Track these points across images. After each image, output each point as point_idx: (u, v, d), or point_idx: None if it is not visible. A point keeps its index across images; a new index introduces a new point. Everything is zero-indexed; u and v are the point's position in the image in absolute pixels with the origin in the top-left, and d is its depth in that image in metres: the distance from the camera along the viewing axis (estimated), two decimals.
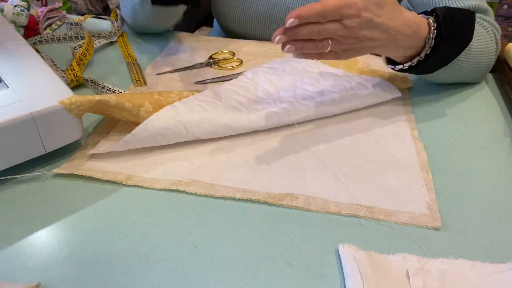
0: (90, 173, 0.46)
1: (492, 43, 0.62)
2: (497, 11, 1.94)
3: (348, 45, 0.50)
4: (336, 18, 0.47)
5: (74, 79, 0.62)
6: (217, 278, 0.36)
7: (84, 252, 0.38)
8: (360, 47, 0.50)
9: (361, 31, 0.48)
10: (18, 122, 0.42)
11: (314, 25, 0.47)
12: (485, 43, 0.61)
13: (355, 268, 0.36)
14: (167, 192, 0.45)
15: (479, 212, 0.44)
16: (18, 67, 0.51)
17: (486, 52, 0.61)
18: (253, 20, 0.80)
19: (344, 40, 0.49)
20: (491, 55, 0.63)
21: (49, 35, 0.75)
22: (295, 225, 0.41)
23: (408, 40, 0.52)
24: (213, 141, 0.52)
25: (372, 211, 0.43)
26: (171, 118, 0.48)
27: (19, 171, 0.46)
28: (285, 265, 0.38)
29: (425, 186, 0.46)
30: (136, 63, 0.69)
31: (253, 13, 0.79)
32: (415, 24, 0.52)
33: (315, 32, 0.47)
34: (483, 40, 0.60)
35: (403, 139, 0.54)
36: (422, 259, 0.38)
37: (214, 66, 0.70)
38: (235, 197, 0.44)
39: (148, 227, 0.41)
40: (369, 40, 0.50)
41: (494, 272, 0.37)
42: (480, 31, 0.61)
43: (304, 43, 0.48)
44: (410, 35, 0.51)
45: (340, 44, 0.49)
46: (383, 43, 0.51)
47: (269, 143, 0.52)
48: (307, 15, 0.45)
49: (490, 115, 0.60)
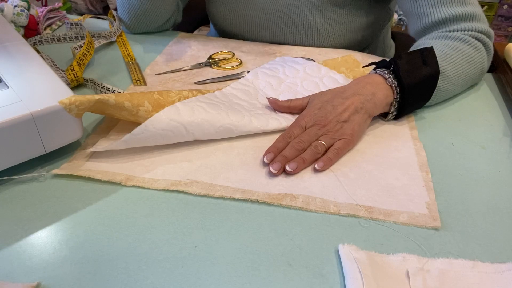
0: (89, 174, 0.46)
1: (478, 52, 0.62)
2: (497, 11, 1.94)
3: (335, 128, 0.51)
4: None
5: (74, 79, 0.62)
6: (217, 278, 0.36)
7: (84, 252, 0.38)
8: (346, 121, 0.51)
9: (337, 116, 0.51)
10: (18, 122, 0.42)
11: (291, 141, 0.50)
12: (465, 58, 0.60)
13: (355, 268, 0.36)
14: (167, 193, 0.45)
15: (479, 212, 0.44)
16: (18, 67, 0.51)
17: (471, 65, 0.61)
18: (247, 24, 0.80)
19: (329, 128, 0.51)
20: (481, 62, 0.62)
21: (49, 35, 0.75)
22: (295, 225, 0.41)
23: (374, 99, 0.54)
24: (212, 141, 0.52)
25: (371, 211, 0.43)
26: (172, 120, 0.48)
27: (19, 171, 0.46)
28: (285, 265, 0.38)
29: (425, 186, 0.46)
30: (136, 63, 0.69)
31: (247, 18, 0.79)
32: (368, 85, 0.54)
33: (296, 142, 0.49)
34: (460, 58, 0.60)
35: (402, 139, 0.54)
36: (422, 259, 0.38)
37: (214, 66, 0.70)
38: (235, 197, 0.44)
39: (148, 227, 0.41)
40: (345, 113, 0.51)
41: (494, 272, 0.37)
42: (457, 48, 0.60)
43: (303, 157, 0.48)
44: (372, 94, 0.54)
45: (328, 134, 0.50)
46: (356, 105, 0.52)
47: (269, 143, 0.52)
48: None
49: (490, 115, 0.60)
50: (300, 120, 0.52)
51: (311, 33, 0.77)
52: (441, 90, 0.59)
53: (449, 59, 0.59)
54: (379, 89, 0.54)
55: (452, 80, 0.59)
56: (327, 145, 0.49)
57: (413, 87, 0.54)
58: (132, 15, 0.77)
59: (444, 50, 0.60)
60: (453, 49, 0.60)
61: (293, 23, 0.76)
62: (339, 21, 0.75)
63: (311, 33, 0.77)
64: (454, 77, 0.59)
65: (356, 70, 0.67)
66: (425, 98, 0.57)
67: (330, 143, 0.50)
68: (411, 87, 0.54)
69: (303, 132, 0.51)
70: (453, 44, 0.61)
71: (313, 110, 0.53)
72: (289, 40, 0.79)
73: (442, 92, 0.59)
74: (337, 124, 0.51)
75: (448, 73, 0.58)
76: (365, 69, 0.68)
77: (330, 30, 0.76)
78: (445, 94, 0.61)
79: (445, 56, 0.59)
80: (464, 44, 0.61)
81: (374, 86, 0.54)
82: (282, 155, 0.48)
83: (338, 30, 0.76)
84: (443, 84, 0.58)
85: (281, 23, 0.77)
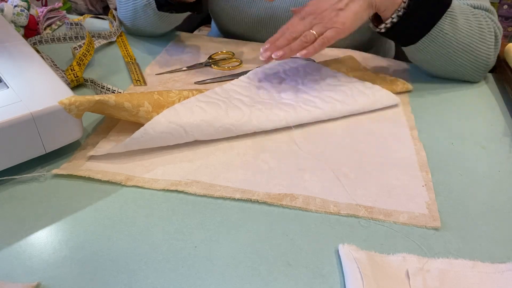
0: (89, 174, 0.46)
1: (490, 37, 0.62)
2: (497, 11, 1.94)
3: (329, 16, 0.50)
4: None
5: (74, 79, 0.62)
6: (217, 278, 0.36)
7: (84, 252, 0.38)
8: (342, 9, 0.50)
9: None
10: (18, 122, 0.42)
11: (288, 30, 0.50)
12: (479, 27, 0.60)
13: (355, 268, 0.36)
14: (167, 193, 0.45)
15: (479, 212, 0.44)
16: (18, 67, 0.51)
17: (480, 38, 0.61)
18: (252, 23, 0.79)
19: (324, 15, 0.50)
20: (489, 46, 0.62)
21: (49, 35, 0.75)
22: (295, 225, 0.41)
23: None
24: (212, 141, 0.52)
25: (371, 211, 0.43)
26: (171, 122, 0.48)
27: (19, 171, 0.46)
28: (285, 265, 0.38)
29: (425, 186, 0.46)
30: (136, 63, 0.69)
31: (251, 16, 0.79)
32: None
33: (289, 32, 0.49)
34: (475, 22, 0.60)
35: (402, 139, 0.54)
36: (422, 259, 0.38)
37: (214, 66, 0.70)
38: (235, 197, 0.44)
39: (148, 227, 0.41)
40: (343, 0, 0.50)
41: (494, 272, 0.37)
42: (476, 16, 0.60)
43: (291, 46, 0.49)
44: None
45: (321, 22, 0.50)
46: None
47: (269, 143, 0.52)
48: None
49: (490, 115, 0.60)
50: (300, 11, 0.52)
51: None
52: (443, 32, 0.57)
53: (464, 14, 0.59)
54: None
55: (458, 33, 0.58)
56: (318, 33, 0.49)
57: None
58: (136, 24, 0.77)
59: (462, 7, 0.59)
60: (472, 14, 0.60)
61: None
62: None
63: None
64: (461, 31, 0.58)
65: (356, 70, 0.67)
66: (427, 23, 0.56)
67: (321, 31, 0.49)
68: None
69: (299, 22, 0.51)
70: (475, 11, 0.61)
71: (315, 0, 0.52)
72: None
73: (442, 38, 0.58)
74: (332, 12, 0.50)
75: (458, 22, 0.57)
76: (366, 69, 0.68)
77: None
78: (444, 45, 0.59)
79: (462, 9, 0.58)
80: (483, 19, 0.61)
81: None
82: (274, 45, 0.49)
83: None
84: (448, 28, 0.57)
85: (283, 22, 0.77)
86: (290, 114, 0.54)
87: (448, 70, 0.65)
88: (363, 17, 0.52)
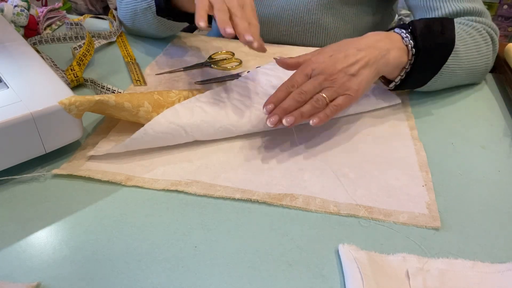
0: (89, 174, 0.46)
1: (486, 45, 0.62)
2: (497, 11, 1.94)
3: (341, 81, 0.48)
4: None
5: (74, 79, 0.62)
6: (217, 278, 0.36)
7: (84, 252, 0.38)
8: (354, 75, 0.49)
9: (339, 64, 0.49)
10: (18, 122, 0.42)
11: (292, 92, 0.47)
12: (476, 45, 0.60)
13: (355, 268, 0.36)
14: (167, 193, 0.45)
15: (479, 212, 0.44)
16: (18, 67, 0.51)
17: (479, 55, 0.61)
18: None
19: (335, 79, 0.48)
20: (486, 56, 0.62)
21: (49, 35, 0.75)
22: (295, 225, 0.41)
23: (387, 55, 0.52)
24: (212, 141, 0.52)
25: (371, 211, 0.43)
26: (171, 122, 0.48)
27: (19, 171, 0.46)
28: (285, 265, 0.38)
29: (425, 186, 0.46)
30: (136, 63, 0.69)
31: None
32: (386, 43, 0.52)
33: (298, 93, 0.47)
34: (472, 43, 0.60)
35: (402, 139, 0.54)
36: (422, 259, 0.38)
37: (214, 66, 0.70)
38: (235, 197, 0.44)
39: (148, 227, 0.41)
40: (355, 65, 0.49)
41: (494, 272, 0.37)
42: (471, 34, 0.60)
43: (301, 111, 0.46)
44: (383, 49, 0.51)
45: (333, 86, 0.48)
46: (368, 59, 0.50)
47: (269, 143, 0.52)
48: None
49: (490, 115, 0.60)
50: (306, 68, 0.49)
51: (318, 32, 0.77)
52: (449, 68, 0.57)
53: (463, 41, 0.58)
54: (394, 47, 0.52)
55: (461, 62, 0.58)
56: (329, 98, 0.47)
57: (428, 51, 0.52)
58: (135, 25, 0.77)
59: (458, 31, 0.58)
60: (467, 33, 0.60)
61: (300, 22, 0.76)
62: (347, 19, 0.75)
63: (318, 32, 0.77)
64: (463, 60, 0.58)
65: None
66: (434, 69, 0.55)
67: (332, 96, 0.47)
68: (426, 51, 0.52)
69: (306, 82, 0.48)
70: (467, 29, 0.60)
71: (322, 57, 0.50)
72: (295, 39, 0.78)
73: (448, 73, 0.58)
74: (344, 76, 0.48)
75: (460, 53, 0.57)
76: None
77: (338, 29, 0.76)
78: (450, 77, 0.59)
79: (460, 36, 0.58)
80: (477, 32, 0.61)
81: (390, 43, 0.52)
82: (281, 108, 0.46)
83: (346, 29, 0.76)
84: (452, 62, 0.57)
85: (288, 21, 0.77)
86: None
87: (453, 85, 0.65)
88: (371, 83, 0.51)
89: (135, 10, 0.73)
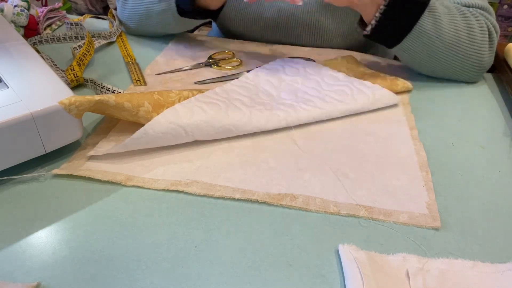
0: (89, 174, 0.46)
1: (483, 36, 0.62)
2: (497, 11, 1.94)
3: None
4: None
5: (74, 79, 0.62)
6: (217, 278, 0.36)
7: (84, 252, 0.38)
8: None
9: None
10: (18, 122, 0.42)
11: None
12: (467, 27, 0.61)
13: (355, 268, 0.36)
14: (167, 193, 0.45)
15: (479, 212, 0.44)
16: (18, 67, 0.51)
17: (469, 39, 0.61)
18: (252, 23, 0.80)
19: None
20: (480, 46, 0.62)
21: (49, 35, 0.75)
22: (295, 225, 0.41)
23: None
24: (212, 141, 0.52)
25: (371, 211, 0.43)
26: (171, 123, 0.48)
27: (19, 171, 0.46)
28: (285, 265, 0.38)
29: (425, 186, 0.46)
30: (136, 63, 0.69)
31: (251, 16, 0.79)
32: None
33: None
34: (463, 23, 0.60)
35: (402, 139, 0.54)
36: (422, 259, 0.38)
37: (214, 66, 0.70)
38: (235, 197, 0.44)
39: (148, 227, 0.41)
40: None
41: (494, 272, 0.37)
42: (465, 15, 0.61)
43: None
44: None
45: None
46: None
47: (269, 143, 0.52)
48: None
49: (490, 115, 0.60)
50: None
51: (318, 32, 0.77)
52: (426, 32, 0.59)
53: (451, 15, 0.60)
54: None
55: (442, 34, 0.60)
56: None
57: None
58: (143, 25, 0.77)
59: (449, 6, 0.61)
60: (459, 11, 0.61)
61: (300, 23, 0.76)
62: (347, 20, 0.75)
63: (318, 33, 0.77)
64: (445, 32, 0.60)
65: (356, 70, 0.67)
66: (408, 23, 0.58)
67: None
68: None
69: None
70: (462, 9, 0.62)
71: None
72: (295, 40, 0.79)
73: (426, 39, 0.60)
74: None
75: (442, 23, 0.59)
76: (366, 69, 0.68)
77: (338, 30, 0.76)
78: (429, 47, 0.61)
79: (448, 9, 0.60)
80: (473, 17, 0.62)
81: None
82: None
83: (346, 30, 0.76)
84: (431, 28, 0.59)
85: (288, 23, 0.77)
86: (290, 114, 0.54)
87: (438, 71, 0.65)
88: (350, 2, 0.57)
89: (148, 11, 0.72)
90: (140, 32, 0.79)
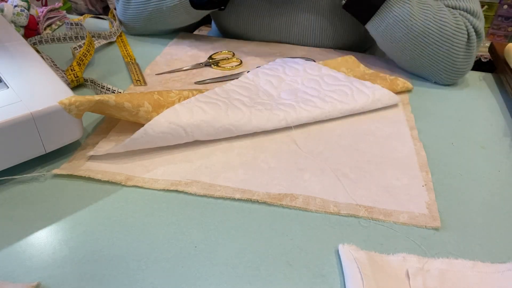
0: (89, 174, 0.46)
1: (461, 36, 0.61)
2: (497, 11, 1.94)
3: None
4: None
5: (74, 79, 0.62)
6: (217, 278, 0.36)
7: (84, 252, 0.38)
8: None
9: None
10: (18, 122, 0.42)
11: None
12: (440, 24, 0.61)
13: (355, 268, 0.36)
14: (167, 193, 0.45)
15: (479, 212, 0.44)
16: (18, 67, 0.51)
17: (440, 34, 0.61)
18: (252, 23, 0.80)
19: None
20: (454, 48, 0.61)
21: (49, 35, 0.75)
22: (295, 225, 0.41)
23: None
24: (212, 141, 0.52)
25: (371, 211, 0.43)
26: (171, 123, 0.48)
27: (19, 171, 0.46)
28: (285, 265, 0.38)
29: (425, 186, 0.46)
30: (136, 63, 0.69)
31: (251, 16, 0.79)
32: None
33: None
34: (435, 19, 0.61)
35: (402, 139, 0.54)
36: (422, 259, 0.38)
37: (214, 66, 0.70)
38: (235, 197, 0.44)
39: (148, 227, 0.41)
40: None
41: (494, 272, 0.37)
42: (442, 10, 0.61)
43: None
44: None
45: None
46: None
47: (269, 143, 0.52)
48: None
49: (490, 115, 0.60)
50: None
51: (315, 33, 0.77)
52: (395, 16, 0.61)
53: (425, 5, 0.61)
54: None
55: (412, 20, 0.61)
56: None
57: None
58: (149, 23, 0.76)
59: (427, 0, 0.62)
60: (437, 6, 0.62)
61: (300, 23, 0.76)
62: (345, 21, 0.76)
63: (315, 34, 0.77)
64: (415, 21, 0.61)
65: (356, 70, 0.67)
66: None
67: None
68: None
69: None
70: (441, 5, 0.63)
71: None
72: (294, 41, 0.79)
73: (394, 23, 0.61)
74: None
75: (413, 9, 0.60)
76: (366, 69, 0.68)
77: (335, 31, 0.76)
78: (394, 32, 0.62)
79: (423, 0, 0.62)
80: (451, 14, 0.62)
81: None
82: None
83: (343, 30, 0.76)
84: (400, 13, 0.60)
85: (285, 24, 0.77)
86: (290, 114, 0.54)
87: (413, 65, 0.66)
88: None
89: (158, 8, 0.72)
90: (142, 32, 0.79)
